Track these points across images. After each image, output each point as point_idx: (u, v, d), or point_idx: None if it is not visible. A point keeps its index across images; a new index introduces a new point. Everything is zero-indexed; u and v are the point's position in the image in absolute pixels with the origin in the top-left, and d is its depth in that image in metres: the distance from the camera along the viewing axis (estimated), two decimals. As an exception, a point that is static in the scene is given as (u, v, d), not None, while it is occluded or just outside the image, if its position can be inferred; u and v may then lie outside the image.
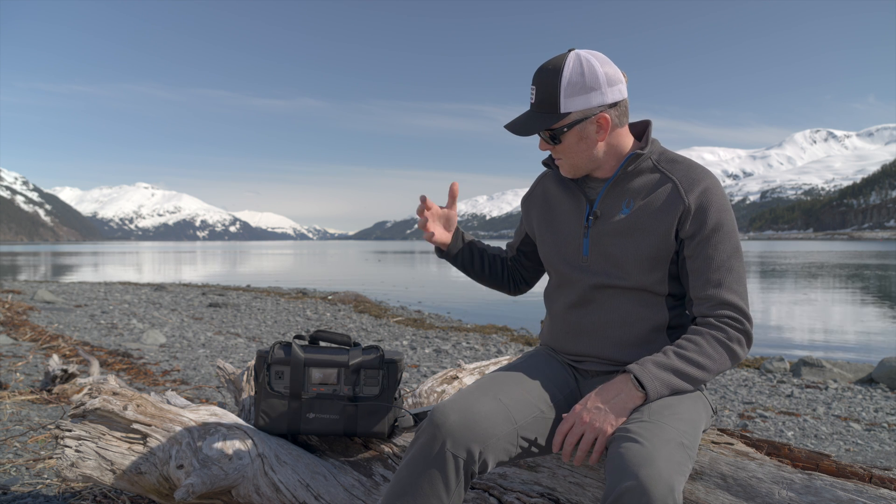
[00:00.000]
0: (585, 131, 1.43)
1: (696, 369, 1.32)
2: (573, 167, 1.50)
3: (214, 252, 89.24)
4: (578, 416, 1.30)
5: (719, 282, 1.37)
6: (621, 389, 1.30)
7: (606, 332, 1.48)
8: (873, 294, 17.34)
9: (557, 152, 1.48)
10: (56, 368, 4.26)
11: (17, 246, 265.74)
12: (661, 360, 1.33)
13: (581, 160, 1.47)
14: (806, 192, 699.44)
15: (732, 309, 1.36)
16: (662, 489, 1.08)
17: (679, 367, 1.32)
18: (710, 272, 1.38)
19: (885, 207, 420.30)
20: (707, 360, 1.33)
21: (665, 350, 1.34)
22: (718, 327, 1.35)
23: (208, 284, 18.93)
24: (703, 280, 1.39)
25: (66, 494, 2.32)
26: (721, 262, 1.38)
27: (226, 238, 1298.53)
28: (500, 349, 7.48)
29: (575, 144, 1.45)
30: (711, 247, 1.38)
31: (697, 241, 1.40)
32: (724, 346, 1.34)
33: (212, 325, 9.13)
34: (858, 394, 5.39)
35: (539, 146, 1.50)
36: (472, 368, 2.37)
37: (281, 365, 1.84)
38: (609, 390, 1.31)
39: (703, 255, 1.39)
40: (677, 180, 1.43)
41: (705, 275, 1.38)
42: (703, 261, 1.39)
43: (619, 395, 1.29)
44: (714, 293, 1.37)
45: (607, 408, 1.28)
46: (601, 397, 1.30)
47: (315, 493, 1.69)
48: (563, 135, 1.43)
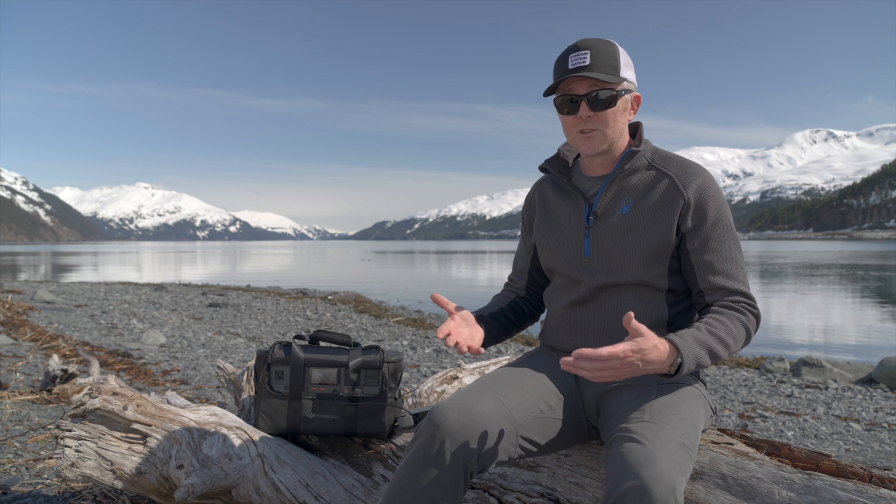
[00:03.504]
0: (627, 103, 1.48)
1: (722, 347, 1.33)
2: (606, 139, 1.48)
3: (214, 252, 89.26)
4: (621, 361, 1.20)
5: (728, 273, 1.41)
6: (661, 360, 1.24)
7: (607, 329, 1.49)
8: (873, 294, 17.34)
9: (599, 120, 1.45)
10: (56, 368, 4.26)
11: (17, 246, 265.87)
12: (698, 336, 1.31)
13: (615, 132, 1.48)
14: (806, 192, 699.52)
15: (744, 296, 1.41)
16: (664, 489, 1.08)
17: (711, 345, 1.32)
18: (718, 264, 1.42)
19: (885, 207, 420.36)
20: (731, 340, 1.34)
21: (698, 326, 1.34)
22: (739, 310, 1.39)
23: (208, 284, 18.93)
24: (712, 272, 1.42)
25: (66, 494, 2.31)
26: (727, 255, 1.42)
27: (226, 238, 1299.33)
28: (500, 349, 7.48)
29: (620, 113, 1.47)
30: (715, 240, 1.42)
31: (701, 235, 1.43)
32: (744, 327, 1.37)
33: (212, 325, 9.13)
34: (858, 394, 5.38)
35: (579, 112, 1.45)
36: (472, 368, 2.37)
37: (281, 365, 1.84)
38: (653, 357, 1.22)
39: (708, 248, 1.42)
40: (674, 175, 1.46)
41: (714, 267, 1.41)
42: (709, 254, 1.42)
43: (655, 365, 1.23)
44: (725, 283, 1.41)
45: (642, 366, 1.22)
46: (644, 359, 1.21)
47: (315, 493, 1.69)
48: (620, 98, 1.45)
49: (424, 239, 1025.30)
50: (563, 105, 1.48)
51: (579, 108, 1.45)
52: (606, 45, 1.43)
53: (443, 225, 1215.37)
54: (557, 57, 1.48)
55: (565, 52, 1.46)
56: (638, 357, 1.20)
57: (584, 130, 1.47)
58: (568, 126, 1.50)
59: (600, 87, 1.43)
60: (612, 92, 1.44)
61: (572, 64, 1.43)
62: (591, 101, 1.44)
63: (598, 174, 1.55)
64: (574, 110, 1.46)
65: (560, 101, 1.48)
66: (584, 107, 1.45)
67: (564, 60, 1.45)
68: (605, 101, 1.44)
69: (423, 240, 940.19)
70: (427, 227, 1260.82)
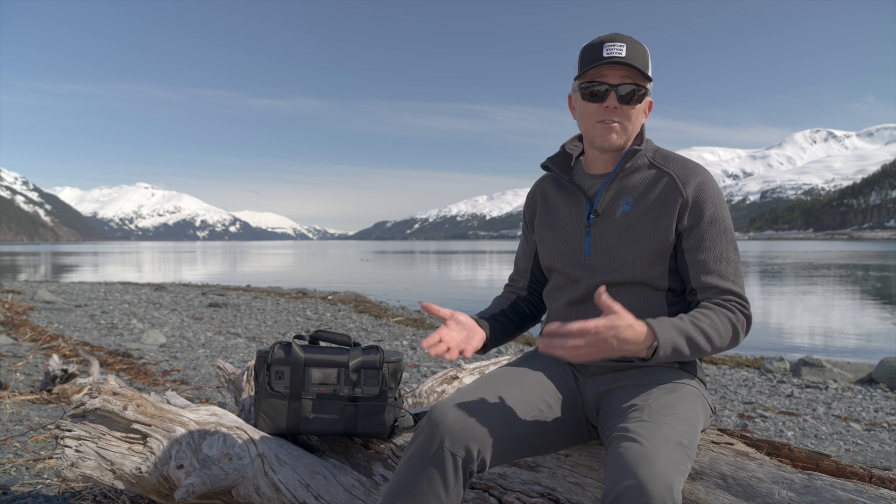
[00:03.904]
0: (647, 104, 1.50)
1: (704, 339, 1.33)
2: (625, 133, 1.48)
3: (214, 252, 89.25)
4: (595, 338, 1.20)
5: (721, 273, 1.41)
6: (638, 341, 1.24)
7: None
8: (873, 294, 17.34)
9: (623, 114, 1.45)
10: (56, 368, 4.26)
11: (17, 246, 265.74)
12: (678, 324, 1.32)
13: (633, 130, 1.49)
14: (806, 192, 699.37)
15: (736, 296, 1.40)
16: (661, 488, 1.08)
17: (691, 334, 1.32)
18: (711, 263, 1.41)
19: (885, 207, 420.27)
20: (715, 334, 1.34)
21: (681, 316, 1.34)
22: (728, 308, 1.38)
23: (208, 284, 18.93)
24: (704, 271, 1.42)
25: (66, 494, 2.31)
26: (721, 255, 1.42)
27: (226, 238, 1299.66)
28: (500, 349, 7.48)
29: (641, 112, 1.48)
30: (710, 239, 1.42)
31: (696, 234, 1.43)
32: (731, 325, 1.37)
33: (212, 325, 9.13)
34: (858, 394, 5.39)
35: (607, 101, 1.44)
36: (472, 368, 2.37)
37: (281, 365, 1.84)
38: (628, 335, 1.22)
39: (703, 248, 1.42)
40: (674, 174, 1.46)
41: (707, 266, 1.41)
42: (703, 253, 1.42)
43: (631, 346, 1.23)
44: (717, 283, 1.41)
45: (616, 345, 1.21)
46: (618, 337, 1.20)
47: (315, 493, 1.69)
48: (645, 97, 1.47)
49: (424, 239, 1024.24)
50: (590, 91, 1.45)
51: (608, 98, 1.44)
52: (639, 45, 1.44)
53: (443, 225, 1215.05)
54: (586, 45, 1.46)
55: (597, 41, 1.44)
56: (612, 334, 1.19)
57: (605, 120, 1.46)
58: (589, 114, 1.47)
59: (633, 80, 1.43)
60: (642, 88, 1.44)
61: (608, 53, 1.41)
62: (621, 93, 1.43)
63: (600, 172, 1.55)
64: (601, 98, 1.45)
65: (588, 87, 1.46)
66: (612, 97, 1.44)
67: (598, 49, 1.43)
68: (634, 95, 1.44)
69: (423, 240, 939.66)
70: (427, 227, 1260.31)
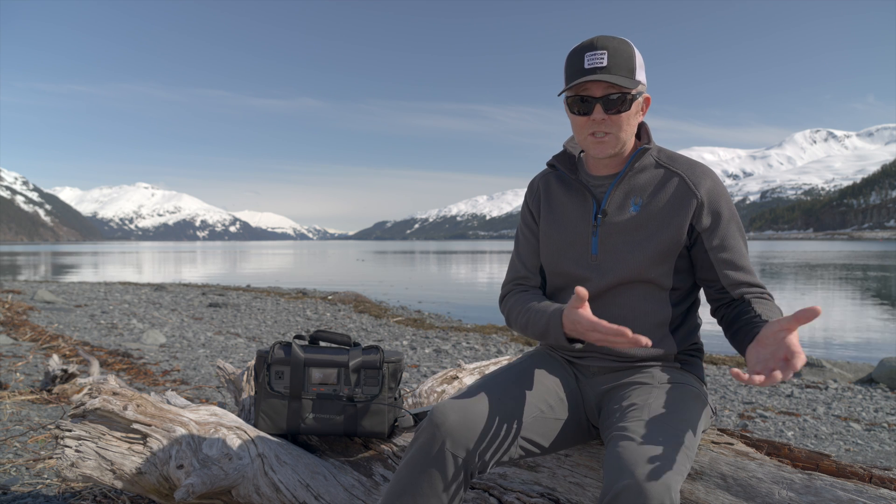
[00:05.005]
0: (639, 105, 1.46)
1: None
2: (619, 142, 1.45)
3: (214, 252, 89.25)
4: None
5: (747, 269, 1.46)
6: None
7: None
8: (873, 294, 17.34)
9: (613, 123, 1.42)
10: (56, 368, 4.26)
11: (17, 246, 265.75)
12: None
13: (628, 134, 1.45)
14: (806, 192, 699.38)
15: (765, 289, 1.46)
16: (659, 488, 1.08)
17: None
18: (738, 260, 1.46)
19: (885, 207, 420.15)
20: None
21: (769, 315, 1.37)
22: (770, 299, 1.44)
23: (208, 284, 18.93)
24: (734, 268, 1.45)
25: (66, 494, 2.31)
26: (742, 252, 1.47)
27: (226, 238, 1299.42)
28: (500, 349, 7.47)
29: (633, 116, 1.45)
30: (731, 237, 1.46)
31: (718, 234, 1.45)
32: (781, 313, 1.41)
33: (212, 325, 9.13)
34: (858, 394, 5.39)
35: (593, 114, 1.40)
36: (472, 368, 2.37)
37: (281, 365, 1.84)
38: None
39: (727, 246, 1.45)
40: (684, 175, 1.46)
41: (735, 263, 1.45)
42: (728, 251, 1.45)
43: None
44: (747, 279, 1.45)
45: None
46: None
47: (315, 493, 1.69)
48: (634, 101, 1.42)
49: (424, 239, 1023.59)
50: (575, 105, 1.42)
51: (593, 110, 1.40)
52: (623, 46, 1.39)
53: (443, 225, 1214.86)
54: (570, 52, 1.42)
55: (580, 48, 1.39)
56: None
57: (595, 133, 1.43)
58: (579, 127, 1.45)
59: (617, 90, 1.38)
60: (627, 95, 1.39)
61: (588, 63, 1.37)
62: (607, 104, 1.39)
63: (604, 173, 1.53)
64: (587, 111, 1.41)
65: (572, 101, 1.43)
66: (598, 109, 1.40)
67: (579, 58, 1.39)
68: (620, 104, 1.39)
69: (423, 240, 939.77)
70: (427, 228, 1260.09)
